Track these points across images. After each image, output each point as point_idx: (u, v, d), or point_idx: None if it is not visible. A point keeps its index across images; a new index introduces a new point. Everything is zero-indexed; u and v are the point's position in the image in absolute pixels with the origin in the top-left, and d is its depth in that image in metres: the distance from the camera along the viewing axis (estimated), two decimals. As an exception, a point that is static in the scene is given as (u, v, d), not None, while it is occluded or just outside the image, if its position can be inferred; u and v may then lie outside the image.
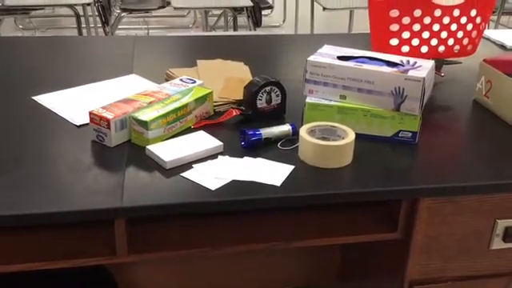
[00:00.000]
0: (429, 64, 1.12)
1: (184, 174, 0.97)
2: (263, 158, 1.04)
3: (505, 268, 1.13)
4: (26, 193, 0.90)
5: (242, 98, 1.20)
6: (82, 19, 3.53)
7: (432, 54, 1.36)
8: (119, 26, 4.30)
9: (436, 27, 1.32)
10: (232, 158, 1.03)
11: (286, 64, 1.53)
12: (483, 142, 1.13)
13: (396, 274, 1.14)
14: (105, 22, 3.63)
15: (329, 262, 1.65)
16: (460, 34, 1.36)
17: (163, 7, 4.25)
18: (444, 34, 1.34)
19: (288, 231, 1.04)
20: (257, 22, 3.66)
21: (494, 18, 4.24)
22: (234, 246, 1.01)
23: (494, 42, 1.80)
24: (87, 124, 1.13)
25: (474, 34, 1.38)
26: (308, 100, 1.12)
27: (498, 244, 1.09)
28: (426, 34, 1.32)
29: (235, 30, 3.78)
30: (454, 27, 1.34)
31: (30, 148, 1.04)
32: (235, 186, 0.95)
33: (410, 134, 1.10)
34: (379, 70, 1.08)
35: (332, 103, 1.11)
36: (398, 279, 1.12)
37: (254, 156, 1.04)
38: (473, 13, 1.34)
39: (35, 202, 0.87)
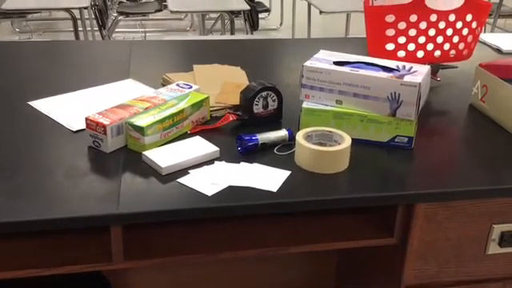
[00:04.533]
0: (424, 69, 1.12)
1: (180, 180, 0.97)
2: (260, 163, 1.04)
3: (501, 273, 1.13)
4: (22, 199, 0.90)
5: (238, 103, 1.20)
6: (79, 22, 3.53)
7: (428, 59, 1.36)
8: (116, 30, 4.30)
9: (432, 32, 1.32)
10: (228, 164, 1.03)
11: (283, 68, 1.54)
12: (479, 147, 1.13)
13: (392, 278, 1.14)
14: (102, 26, 3.63)
15: (325, 267, 1.65)
16: (456, 39, 1.36)
17: (160, 11, 4.26)
18: (440, 39, 1.34)
19: (285, 237, 1.04)
20: (254, 26, 3.67)
21: (491, 21, 4.26)
22: (231, 252, 1.01)
23: (489, 46, 1.80)
24: (83, 129, 1.13)
25: (470, 38, 1.38)
26: (304, 105, 1.13)
27: (494, 249, 1.09)
28: (421, 39, 1.32)
29: (232, 33, 3.78)
30: (449, 32, 1.34)
31: (26, 154, 1.04)
32: (232, 191, 0.95)
33: (406, 139, 1.10)
34: (375, 76, 1.08)
35: (328, 108, 1.11)
36: (395, 284, 1.12)
37: (251, 161, 1.04)
38: (468, 17, 1.34)
39: (31, 209, 0.87)
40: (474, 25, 1.36)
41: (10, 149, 1.06)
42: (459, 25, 1.34)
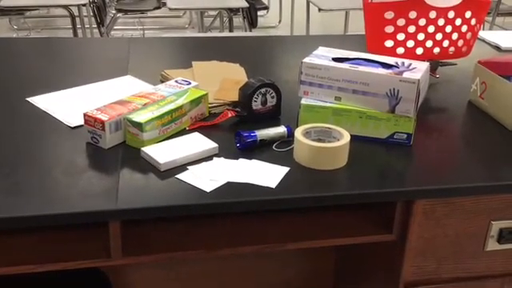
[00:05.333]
0: (424, 66, 1.12)
1: (179, 176, 0.97)
2: (258, 159, 1.03)
3: (499, 269, 1.13)
4: (20, 195, 0.90)
5: (237, 99, 1.20)
6: (77, 20, 3.53)
7: (427, 56, 1.36)
8: (114, 27, 4.30)
9: (431, 29, 1.32)
10: (227, 160, 1.03)
11: (282, 65, 1.53)
12: (478, 144, 1.13)
13: (391, 275, 1.14)
14: (100, 23, 3.62)
15: (324, 264, 1.65)
16: (455, 36, 1.36)
17: (159, 8, 4.25)
18: (439, 36, 1.34)
19: (283, 233, 1.04)
20: (252, 23, 3.67)
21: (489, 18, 4.26)
22: (229, 249, 1.01)
23: (488, 43, 1.80)
24: (82, 125, 1.13)
25: (469, 35, 1.38)
26: (303, 101, 1.12)
27: (492, 245, 1.09)
28: (421, 36, 1.32)
29: (231, 30, 3.78)
30: (448, 29, 1.34)
31: (24, 150, 1.04)
32: (230, 187, 0.94)
33: (405, 136, 1.10)
34: (374, 72, 1.08)
35: (327, 105, 1.11)
36: (394, 281, 1.12)
37: (249, 158, 1.04)
38: (467, 14, 1.34)
39: (30, 205, 0.87)
40: (473, 22, 1.36)
41: (8, 145, 1.05)
42: (458, 22, 1.34)
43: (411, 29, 1.31)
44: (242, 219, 1.07)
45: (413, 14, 1.29)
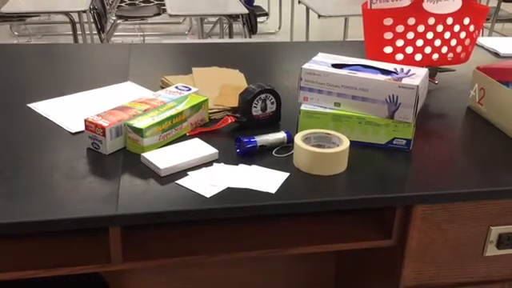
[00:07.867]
0: (422, 72, 1.13)
1: (179, 182, 0.97)
2: (258, 165, 1.04)
3: (499, 275, 1.13)
4: (21, 200, 0.90)
5: (237, 105, 1.21)
6: (78, 26, 3.54)
7: (426, 62, 1.37)
8: (115, 33, 4.31)
9: (430, 35, 1.33)
10: (227, 166, 1.03)
11: (281, 71, 1.54)
12: (477, 149, 1.14)
13: (390, 280, 1.14)
14: (100, 29, 3.64)
15: (324, 269, 1.65)
16: (453, 42, 1.37)
17: (159, 14, 4.27)
18: (437, 42, 1.35)
19: (283, 238, 1.05)
20: (252, 29, 3.68)
21: (488, 25, 4.28)
22: (230, 254, 1.01)
23: (487, 50, 1.81)
24: (82, 131, 1.13)
25: (467, 41, 1.39)
26: (303, 107, 1.13)
27: (491, 251, 1.09)
28: (419, 42, 1.33)
29: (231, 37, 3.79)
30: (447, 35, 1.35)
31: (25, 155, 1.04)
32: (230, 193, 0.95)
33: (405, 142, 1.11)
34: (373, 78, 1.08)
35: (327, 111, 1.12)
36: (393, 285, 1.12)
37: (249, 163, 1.04)
38: (466, 21, 1.35)
39: (30, 210, 0.87)
40: (471, 28, 1.37)
41: (9, 150, 1.06)
42: (457, 28, 1.35)
43: (410, 35, 1.32)
44: (242, 224, 1.07)
45: (412, 21, 1.30)
